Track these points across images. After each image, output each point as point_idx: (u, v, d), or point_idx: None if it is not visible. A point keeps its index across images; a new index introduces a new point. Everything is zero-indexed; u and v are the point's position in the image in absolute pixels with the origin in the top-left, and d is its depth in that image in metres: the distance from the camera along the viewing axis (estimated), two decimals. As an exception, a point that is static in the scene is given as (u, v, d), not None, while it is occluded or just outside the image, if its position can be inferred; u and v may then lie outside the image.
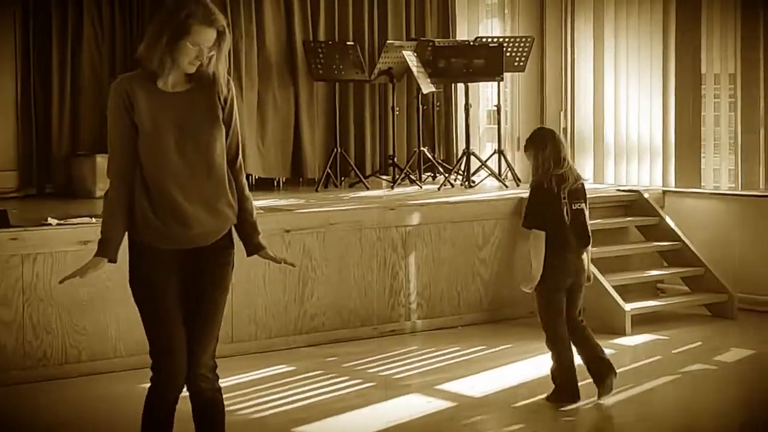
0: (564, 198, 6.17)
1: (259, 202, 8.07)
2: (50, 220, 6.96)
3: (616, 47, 10.18)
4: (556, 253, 6.17)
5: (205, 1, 4.21)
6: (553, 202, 6.13)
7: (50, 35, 9.15)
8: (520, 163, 10.59)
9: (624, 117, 10.15)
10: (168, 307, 4.24)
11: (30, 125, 9.13)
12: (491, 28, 11.21)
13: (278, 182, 10.06)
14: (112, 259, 4.23)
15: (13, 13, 9.11)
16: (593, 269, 8.19)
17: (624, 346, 7.71)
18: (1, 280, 6.57)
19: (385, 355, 7.48)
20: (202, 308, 4.30)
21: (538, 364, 7.13)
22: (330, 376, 6.89)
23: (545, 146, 6.18)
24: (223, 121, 4.29)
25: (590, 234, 6.29)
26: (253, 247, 4.47)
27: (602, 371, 6.21)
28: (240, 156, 4.45)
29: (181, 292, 4.27)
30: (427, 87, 9.76)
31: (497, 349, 7.60)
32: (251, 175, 9.80)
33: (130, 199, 4.21)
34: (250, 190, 8.95)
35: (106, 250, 4.21)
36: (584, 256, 6.30)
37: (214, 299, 4.35)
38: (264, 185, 9.92)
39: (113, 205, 4.22)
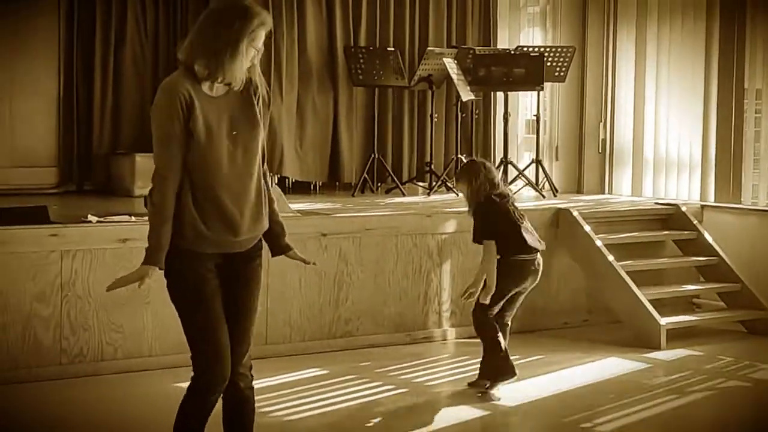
0: (513, 208, 6.68)
1: (296, 205, 8.17)
2: (90, 218, 7.03)
3: (658, 59, 10.17)
4: (513, 257, 6.62)
5: (255, 5, 4.26)
6: (502, 213, 6.61)
7: (94, 32, 9.22)
8: (558, 173, 10.61)
9: (664, 130, 10.14)
10: (215, 311, 4.27)
11: (71, 122, 9.20)
12: (532, 37, 11.22)
13: (315, 186, 10.11)
14: (162, 267, 4.21)
15: (57, 8, 9.17)
16: (630, 283, 8.24)
17: (658, 361, 7.69)
18: (40, 276, 6.63)
19: (418, 361, 7.50)
20: (241, 309, 4.35)
21: (572, 376, 7.15)
22: (363, 380, 6.92)
23: (477, 175, 6.63)
24: (261, 123, 4.34)
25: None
26: (281, 248, 4.53)
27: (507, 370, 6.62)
28: (266, 156, 4.47)
29: (222, 293, 4.30)
30: (466, 95, 9.79)
31: (530, 359, 7.60)
32: (288, 178, 9.87)
33: (176, 205, 4.20)
34: (288, 192, 9.07)
35: (157, 258, 4.20)
36: (539, 261, 6.72)
37: (252, 299, 4.42)
38: (301, 188, 9.98)
39: (163, 211, 4.19)
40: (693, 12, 9.87)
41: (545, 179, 10.02)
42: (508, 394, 6.63)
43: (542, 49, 10.16)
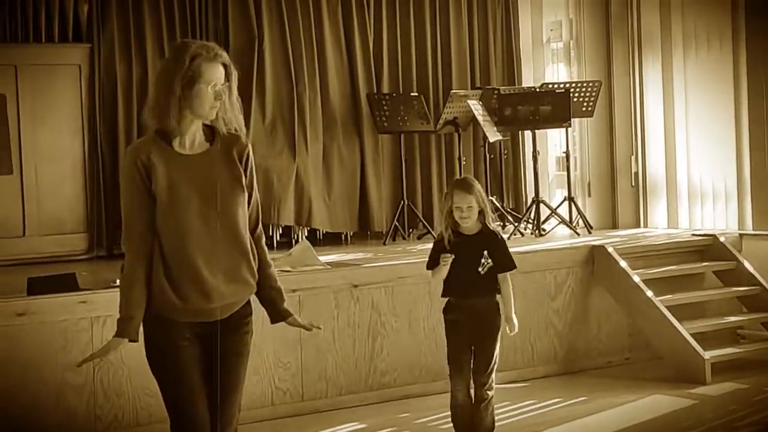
0: None
1: (326, 257, 8.19)
2: (119, 282, 7.05)
3: (686, 87, 10.13)
4: None
5: (200, 41, 4.16)
6: None
7: (115, 94, 9.29)
8: (591, 209, 10.57)
9: (696, 159, 10.09)
10: (191, 381, 4.10)
11: (98, 186, 9.26)
12: (557, 73, 11.23)
13: (346, 236, 10.13)
14: (133, 339, 4.08)
15: (78, 73, 9.27)
16: (671, 317, 8.18)
17: (704, 396, 7.61)
18: (71, 345, 6.66)
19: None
20: (224, 383, 4.18)
21: (616, 416, 7.09)
22: (402, 433, 6.92)
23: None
24: (244, 185, 4.18)
25: None
26: (281, 314, 4.37)
27: None
28: (260, 221, 4.32)
29: (202, 363, 4.15)
30: (493, 135, 9.80)
31: (572, 401, 7.54)
32: (318, 230, 9.89)
33: (148, 273, 4.07)
34: (318, 245, 9.08)
35: (127, 329, 4.06)
36: None
37: (237, 370, 4.25)
38: (332, 240, 10.00)
39: (133, 282, 4.07)
40: (719, 36, 9.84)
41: (579, 216, 10.00)
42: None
43: (568, 85, 10.17)
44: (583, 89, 10.20)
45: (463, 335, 6.01)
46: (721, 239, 9.19)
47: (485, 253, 5.93)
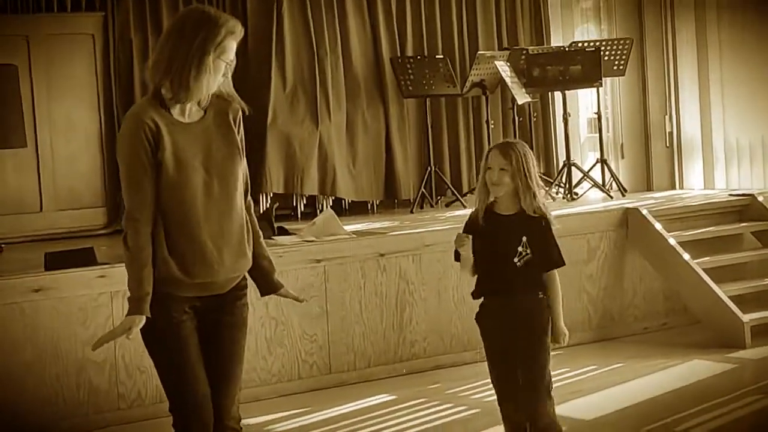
0: None
1: (351, 226, 8.15)
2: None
3: (720, 45, 10.03)
4: None
5: (224, 13, 4.09)
6: None
7: (131, 68, 9.26)
8: (625, 172, 10.50)
9: (732, 118, 10.00)
10: (193, 359, 4.05)
11: (115, 158, 9.23)
12: (587, 33, 11.13)
13: (372, 205, 10.09)
14: (149, 315, 3.96)
15: (93, 47, 9.25)
16: (708, 280, 8.12)
17: (744, 360, 7.56)
18: (90, 320, 6.66)
19: (489, 380, 7.42)
20: (224, 357, 4.16)
21: (654, 383, 7.05)
22: (433, 403, 6.87)
23: (533, 163, 4.97)
24: (241, 152, 4.14)
25: None
26: (272, 286, 4.33)
27: None
28: (249, 187, 4.26)
29: (198, 338, 4.10)
30: (522, 97, 9.72)
31: (608, 368, 7.50)
32: (344, 200, 9.85)
33: (151, 246, 3.99)
34: (344, 214, 9.06)
35: (144, 307, 3.95)
36: None
37: (237, 346, 4.21)
38: (358, 209, 9.96)
39: (140, 256, 3.97)
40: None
41: (612, 179, 9.92)
42: (588, 405, 6.54)
43: (598, 44, 10.08)
44: (614, 47, 10.11)
45: (503, 344, 4.92)
46: (759, 199, 9.10)
47: (524, 240, 4.81)
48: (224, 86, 4.13)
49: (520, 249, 4.82)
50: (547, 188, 9.79)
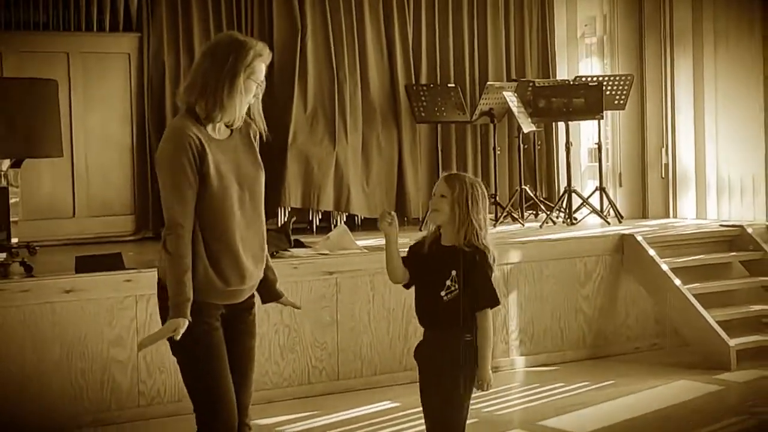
0: None
1: (363, 242, 8.14)
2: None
3: (716, 81, 10.01)
4: None
5: (254, 38, 4.16)
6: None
7: (163, 83, 9.28)
8: (622, 200, 10.48)
9: (725, 152, 9.97)
10: (226, 366, 4.09)
11: (145, 169, 9.26)
12: (591, 67, 11.14)
13: (383, 222, 10.05)
14: (190, 319, 3.97)
15: (128, 62, 9.28)
16: (697, 305, 8.09)
17: (729, 382, 7.52)
18: (116, 321, 6.66)
19: (488, 392, 7.38)
20: (244, 360, 4.21)
21: (643, 400, 7.02)
22: (434, 412, 6.84)
23: (483, 199, 4.48)
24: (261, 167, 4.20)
25: None
26: (276, 295, 4.38)
27: None
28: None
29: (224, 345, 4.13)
30: (527, 126, 9.73)
31: (601, 385, 7.48)
32: (357, 216, 9.85)
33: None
34: (357, 230, 9.04)
35: (185, 310, 3.95)
36: None
37: (253, 350, 4.27)
38: (370, 225, 9.94)
39: (183, 262, 3.97)
40: (749, 32, 9.70)
41: (610, 206, 9.90)
42: (580, 421, 6.52)
43: (601, 79, 10.08)
44: (616, 83, 10.11)
45: (423, 381, 4.55)
46: (749, 230, 9.07)
47: (453, 274, 4.35)
48: (254, 107, 4.18)
49: (448, 283, 4.36)
50: (548, 213, 9.76)
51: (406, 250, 4.54)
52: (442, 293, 4.37)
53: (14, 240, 7.47)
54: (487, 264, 4.36)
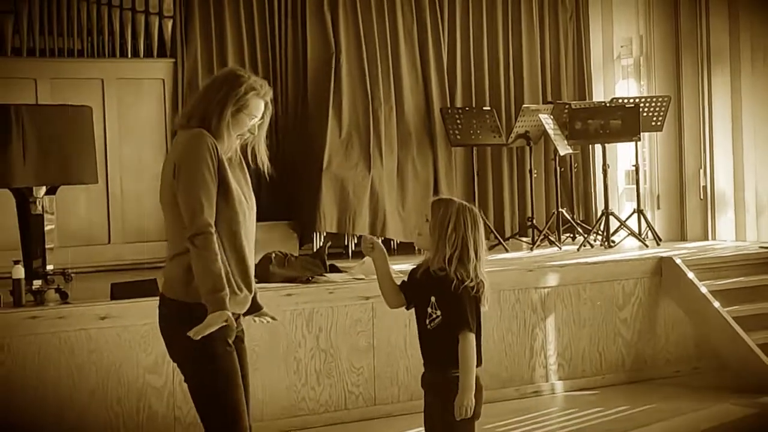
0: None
1: (399, 266, 8.14)
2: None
3: (754, 102, 9.98)
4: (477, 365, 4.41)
5: (254, 75, 4.31)
6: (476, 303, 4.43)
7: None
8: (660, 222, 10.45)
9: (764, 173, 9.92)
10: (239, 378, 4.19)
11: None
12: (627, 88, 11.13)
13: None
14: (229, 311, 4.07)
15: (162, 90, 9.37)
16: (737, 328, 8.05)
17: (771, 406, 7.49)
18: (151, 348, 6.70)
19: (527, 416, 7.40)
20: (246, 374, 4.32)
21: (683, 425, 6.99)
22: (471, 438, 6.84)
23: (473, 226, 4.47)
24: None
25: None
26: (256, 306, 4.46)
27: None
28: None
29: None
30: (564, 149, 9.73)
31: (640, 409, 7.44)
32: (393, 240, 9.87)
33: None
34: (393, 254, 9.05)
35: (226, 303, 4.04)
36: None
37: (246, 350, 4.41)
38: (406, 249, 9.95)
39: (219, 259, 4.05)
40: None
41: (648, 229, 9.87)
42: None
43: (638, 100, 10.07)
44: (653, 104, 10.09)
45: (424, 416, 4.57)
46: (790, 252, 9.03)
47: (432, 300, 4.34)
48: (256, 141, 4.34)
49: (429, 310, 4.37)
50: (585, 236, 9.74)
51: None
52: (426, 321, 4.38)
53: (50, 267, 7.53)
54: (462, 287, 4.29)
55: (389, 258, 4.56)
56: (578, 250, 9.41)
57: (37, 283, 6.88)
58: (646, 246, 9.58)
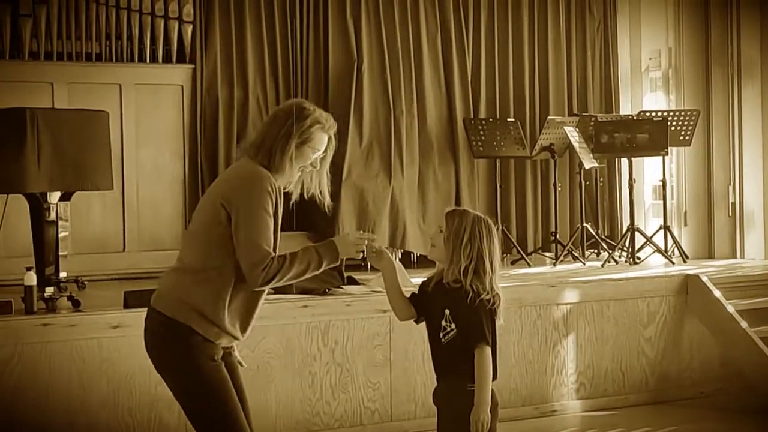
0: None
1: (419, 279, 8.12)
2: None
3: (786, 118, 9.95)
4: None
5: (319, 108, 4.41)
6: (492, 317, 4.42)
7: (217, 119, 9.38)
8: (687, 239, 10.40)
9: (795, 190, 9.89)
10: (236, 400, 4.29)
11: (197, 203, 9.31)
12: (655, 101, 11.08)
13: (440, 259, 10.06)
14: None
15: (181, 96, 9.39)
16: (765, 348, 7.99)
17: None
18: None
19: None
20: (241, 389, 4.41)
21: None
22: (489, 456, 6.81)
23: (488, 238, 4.47)
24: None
25: None
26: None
27: None
28: None
29: None
30: (589, 162, 9.70)
31: (663, 430, 7.40)
32: (412, 253, 9.85)
33: (231, 295, 4.27)
34: (413, 267, 9.09)
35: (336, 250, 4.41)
36: None
37: (240, 373, 4.51)
38: (426, 262, 9.93)
39: (293, 266, 4.30)
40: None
41: (674, 245, 9.83)
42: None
43: (666, 114, 10.03)
44: (681, 118, 10.05)
45: (437, 427, 4.51)
46: (820, 271, 8.97)
47: (446, 313, 4.33)
48: (314, 175, 4.48)
49: (443, 323, 4.33)
50: (610, 252, 9.70)
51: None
52: (441, 335, 4.35)
53: (63, 274, 7.56)
54: (478, 300, 4.28)
55: (407, 271, 4.56)
56: (602, 266, 9.37)
57: (49, 291, 6.89)
58: (672, 263, 9.54)
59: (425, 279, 4.52)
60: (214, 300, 4.21)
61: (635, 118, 10.08)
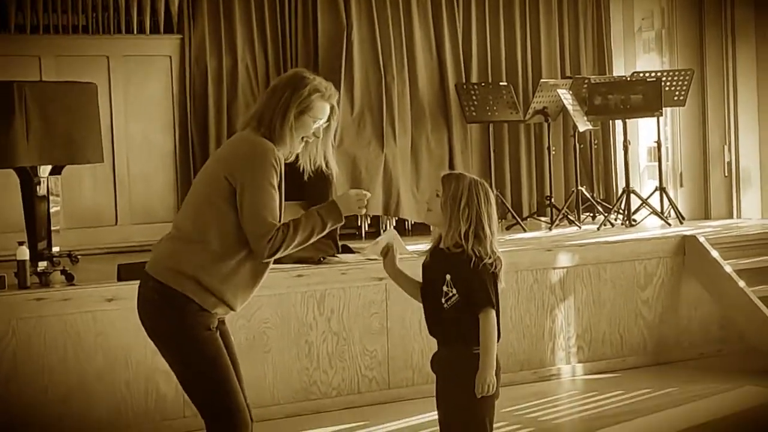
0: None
1: (414, 246, 8.14)
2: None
3: (781, 76, 9.96)
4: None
5: (319, 77, 4.41)
6: (494, 280, 4.39)
7: (206, 90, 9.36)
8: (683, 200, 10.43)
9: (791, 148, 9.91)
10: (230, 367, 4.32)
11: (188, 174, 9.33)
12: (649, 62, 11.09)
13: (434, 226, 10.08)
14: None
15: (169, 61, 9.37)
16: (764, 308, 8.03)
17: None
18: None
19: (545, 399, 7.41)
20: (235, 357, 4.43)
21: (707, 408, 6.98)
22: (489, 421, 6.85)
23: (486, 201, 4.42)
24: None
25: None
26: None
27: None
28: None
29: None
30: (583, 125, 9.71)
31: (663, 392, 7.45)
32: (407, 220, 9.86)
33: (233, 266, 4.28)
34: (408, 234, 9.13)
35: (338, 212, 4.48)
36: None
37: (233, 341, 4.53)
38: (420, 230, 9.95)
39: (297, 234, 4.34)
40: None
41: (670, 207, 9.85)
42: (642, 428, 6.49)
43: (659, 74, 10.04)
44: (675, 78, 10.06)
45: (436, 397, 4.55)
46: (818, 229, 9.01)
47: (447, 278, 4.31)
48: (317, 145, 4.48)
49: (445, 289, 4.31)
50: (606, 214, 9.73)
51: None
52: (443, 300, 4.33)
53: (55, 249, 7.57)
54: (481, 265, 4.27)
55: (403, 239, 4.59)
56: (598, 229, 9.40)
57: (42, 265, 6.92)
58: (669, 224, 9.57)
59: (425, 258, 4.50)
60: (212, 270, 4.21)
61: (629, 79, 10.08)
